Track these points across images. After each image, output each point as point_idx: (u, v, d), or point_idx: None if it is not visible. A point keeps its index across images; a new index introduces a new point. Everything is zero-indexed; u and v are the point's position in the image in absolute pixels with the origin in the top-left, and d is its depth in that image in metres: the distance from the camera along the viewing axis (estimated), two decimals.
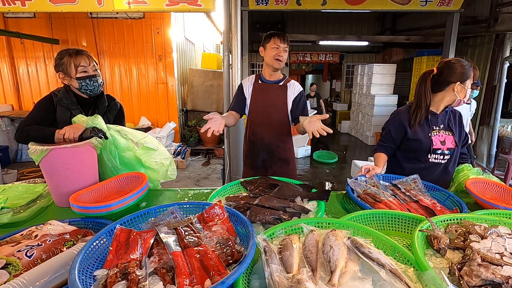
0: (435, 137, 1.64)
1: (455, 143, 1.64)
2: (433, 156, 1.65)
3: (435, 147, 1.63)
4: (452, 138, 1.64)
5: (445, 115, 1.67)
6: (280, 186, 1.40)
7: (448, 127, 1.65)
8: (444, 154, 1.65)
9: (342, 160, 6.58)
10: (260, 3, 4.53)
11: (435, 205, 1.26)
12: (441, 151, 1.64)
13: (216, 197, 1.34)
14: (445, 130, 1.65)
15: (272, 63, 1.90)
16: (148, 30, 6.14)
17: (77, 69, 1.57)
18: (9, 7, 3.71)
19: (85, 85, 1.59)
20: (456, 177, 1.60)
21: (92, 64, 1.61)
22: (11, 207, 1.28)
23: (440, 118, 1.66)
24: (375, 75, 7.86)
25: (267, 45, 1.89)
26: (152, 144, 1.56)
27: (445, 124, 1.66)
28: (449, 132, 1.65)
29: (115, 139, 1.46)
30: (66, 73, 1.58)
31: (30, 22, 6.02)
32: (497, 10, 5.22)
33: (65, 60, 1.57)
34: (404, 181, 1.49)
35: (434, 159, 1.65)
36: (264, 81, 2.03)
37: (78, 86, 1.59)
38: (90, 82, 1.59)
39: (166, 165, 1.59)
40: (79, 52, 1.59)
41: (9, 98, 6.42)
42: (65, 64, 1.56)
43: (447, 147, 1.64)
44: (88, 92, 1.62)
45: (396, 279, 0.70)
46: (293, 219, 1.13)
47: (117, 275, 0.70)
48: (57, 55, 1.60)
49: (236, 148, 3.46)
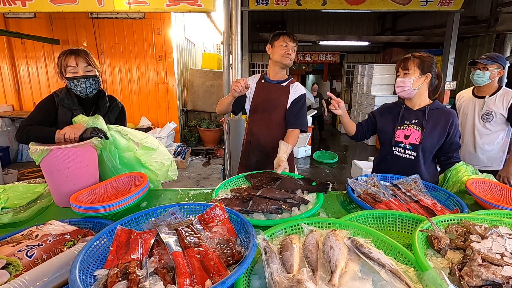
0: (402, 130, 1.71)
1: (420, 140, 1.64)
2: (396, 149, 1.74)
3: (397, 140, 1.72)
4: (419, 135, 1.65)
5: (422, 112, 1.66)
6: (282, 179, 1.44)
7: (421, 124, 1.65)
8: (405, 148, 1.70)
9: (342, 160, 6.58)
10: (260, 3, 4.54)
11: (436, 205, 1.26)
12: (403, 145, 1.70)
13: (222, 189, 1.42)
14: (415, 126, 1.67)
15: (281, 60, 1.87)
16: (148, 30, 6.15)
17: (66, 70, 1.56)
18: (10, 7, 3.71)
19: (74, 85, 1.57)
20: (455, 176, 1.59)
21: (83, 65, 1.57)
22: (12, 207, 1.28)
23: (414, 113, 1.69)
24: (375, 75, 7.86)
25: (276, 42, 1.87)
26: (153, 144, 1.56)
27: (419, 120, 1.66)
28: (420, 128, 1.65)
29: (115, 139, 1.46)
30: (61, 73, 1.59)
31: (30, 22, 6.03)
32: (498, 10, 5.22)
33: (60, 60, 1.57)
34: (404, 181, 1.49)
35: (397, 152, 1.74)
36: (268, 80, 2.00)
37: (68, 87, 1.59)
38: (78, 83, 1.56)
39: (167, 165, 1.59)
40: (74, 52, 1.57)
41: (9, 98, 6.42)
42: (59, 64, 1.58)
43: (409, 142, 1.68)
44: (78, 93, 1.61)
45: (396, 279, 0.70)
46: (293, 210, 1.17)
47: (117, 275, 0.70)
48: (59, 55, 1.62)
49: (236, 148, 3.46)
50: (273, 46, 1.90)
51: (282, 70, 1.97)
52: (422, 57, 1.60)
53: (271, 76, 1.99)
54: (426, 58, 1.59)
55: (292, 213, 1.16)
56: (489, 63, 2.19)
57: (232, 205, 1.16)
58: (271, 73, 1.99)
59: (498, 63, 2.19)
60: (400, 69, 1.65)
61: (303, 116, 1.95)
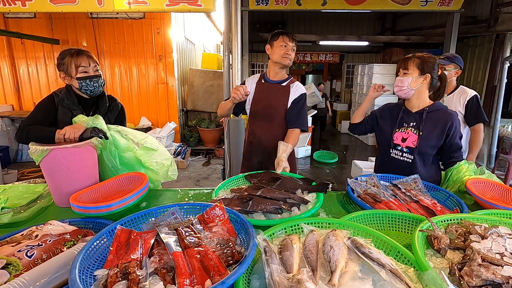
0: (400, 133, 1.71)
1: (416, 144, 1.63)
2: (394, 151, 1.74)
3: (395, 142, 1.72)
4: (416, 138, 1.64)
5: (420, 115, 1.66)
6: (282, 180, 1.45)
7: (418, 126, 1.65)
8: (403, 151, 1.69)
9: (342, 160, 6.58)
10: (260, 3, 4.54)
11: (436, 205, 1.26)
12: (401, 148, 1.70)
13: (222, 189, 1.42)
14: (413, 129, 1.66)
15: (281, 60, 1.86)
16: (148, 30, 6.15)
17: (77, 69, 1.57)
18: (10, 7, 3.71)
19: (85, 85, 1.59)
20: (456, 176, 1.59)
21: (93, 65, 1.61)
22: (12, 207, 1.28)
23: (412, 116, 1.68)
24: (375, 75, 7.86)
25: (275, 42, 1.85)
26: (153, 144, 1.56)
27: (416, 123, 1.66)
28: (417, 131, 1.65)
29: (115, 139, 1.46)
30: (66, 73, 1.58)
31: (30, 22, 6.03)
32: (497, 10, 5.22)
33: (67, 60, 1.57)
34: (404, 181, 1.48)
35: (395, 154, 1.74)
36: (268, 81, 1.98)
37: (78, 86, 1.59)
38: (90, 82, 1.60)
39: (167, 166, 1.59)
40: (80, 52, 1.59)
41: (9, 98, 6.42)
42: (66, 64, 1.57)
43: (406, 145, 1.68)
44: (88, 93, 1.63)
45: (396, 279, 0.70)
46: (293, 210, 1.18)
47: (117, 275, 0.70)
48: (59, 55, 1.61)
49: (236, 148, 3.46)
50: (272, 46, 1.88)
51: (282, 70, 1.96)
52: (423, 57, 1.59)
53: (271, 76, 1.98)
54: (427, 59, 1.59)
55: (292, 213, 1.17)
56: (446, 63, 2.33)
57: (232, 205, 1.16)
58: (271, 73, 1.97)
59: (455, 63, 2.34)
60: (401, 68, 1.65)
61: (303, 116, 1.94)
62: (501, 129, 5.72)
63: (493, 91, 5.70)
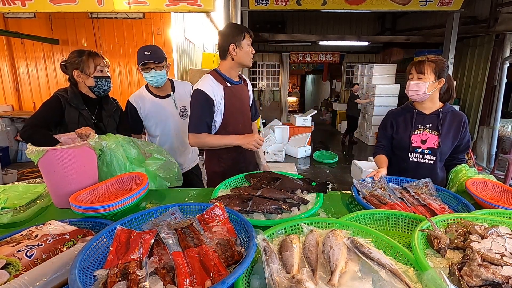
0: (417, 135, 1.68)
1: (438, 144, 1.63)
2: (413, 155, 1.69)
3: (414, 145, 1.68)
4: (436, 139, 1.64)
5: (436, 116, 1.66)
6: (282, 180, 1.45)
7: (437, 127, 1.64)
8: (424, 153, 1.67)
9: (342, 160, 6.58)
10: (260, 3, 4.54)
11: (444, 210, 1.23)
12: (421, 150, 1.67)
13: (222, 189, 1.42)
14: (431, 130, 1.65)
15: (248, 63, 1.71)
16: (148, 30, 6.14)
17: (95, 68, 1.66)
18: (9, 7, 3.70)
19: (101, 84, 1.69)
20: (456, 178, 1.60)
21: (106, 66, 1.73)
22: (11, 207, 1.28)
23: (428, 118, 1.67)
24: (375, 75, 7.86)
25: (242, 42, 1.64)
26: (161, 155, 1.61)
27: (433, 124, 1.66)
28: (435, 132, 1.64)
29: (126, 149, 1.48)
30: (83, 71, 1.62)
31: (30, 22, 6.02)
32: (497, 10, 5.23)
33: (85, 58, 1.64)
34: (415, 185, 1.46)
35: (414, 158, 1.69)
36: (234, 83, 1.76)
37: (94, 84, 1.66)
38: (105, 82, 1.70)
39: (174, 172, 1.63)
40: (96, 53, 1.71)
41: (9, 98, 6.41)
42: (84, 62, 1.64)
43: (427, 146, 1.65)
44: (100, 92, 1.71)
45: (396, 279, 0.70)
46: (293, 210, 1.18)
47: (117, 275, 0.70)
48: (72, 54, 1.66)
49: None
50: (238, 47, 1.65)
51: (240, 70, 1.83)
52: (436, 61, 1.58)
53: (233, 77, 1.77)
54: (442, 63, 1.58)
55: (292, 213, 1.17)
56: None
57: (232, 205, 1.16)
58: (232, 74, 1.75)
59: None
60: (415, 71, 1.61)
61: (257, 108, 2.04)
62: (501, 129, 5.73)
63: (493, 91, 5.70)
